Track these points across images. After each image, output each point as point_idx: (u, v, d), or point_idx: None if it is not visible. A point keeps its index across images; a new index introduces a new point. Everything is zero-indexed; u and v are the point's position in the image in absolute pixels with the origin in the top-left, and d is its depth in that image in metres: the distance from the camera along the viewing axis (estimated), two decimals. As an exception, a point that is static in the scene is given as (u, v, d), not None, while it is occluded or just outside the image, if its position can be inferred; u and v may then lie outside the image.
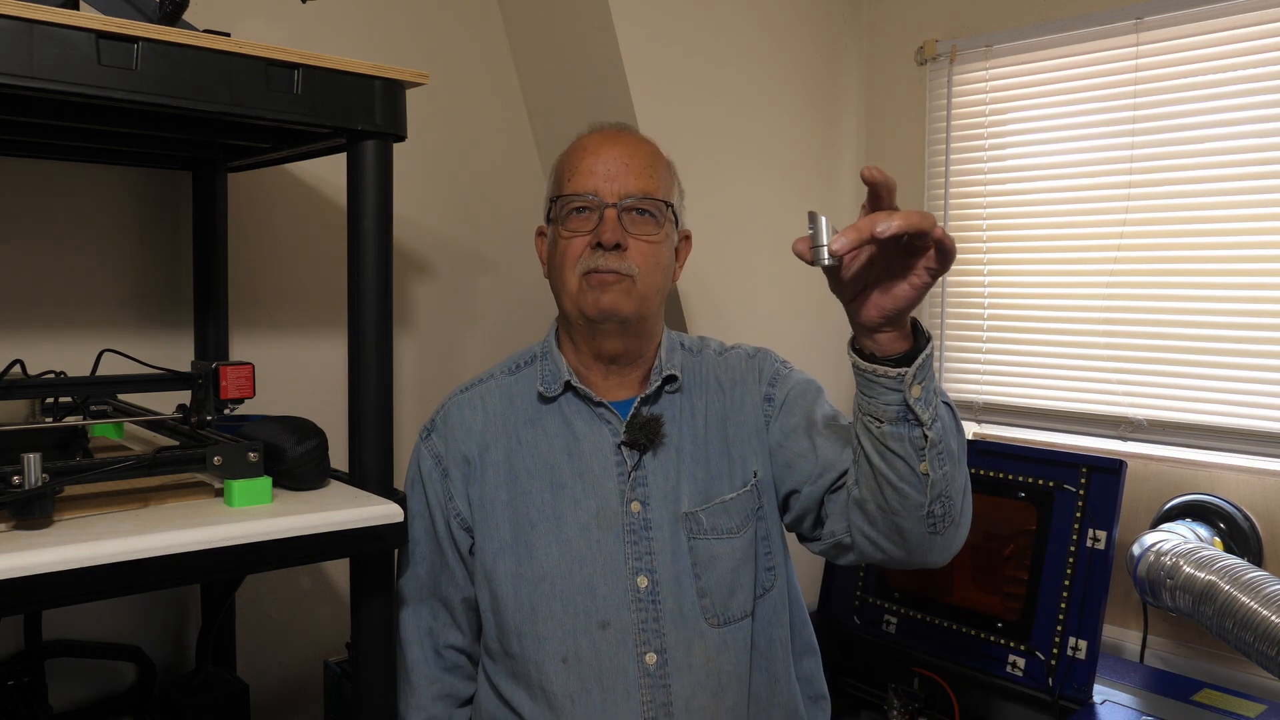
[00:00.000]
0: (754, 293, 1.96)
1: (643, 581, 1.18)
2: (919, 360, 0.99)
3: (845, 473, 1.16)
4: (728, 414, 1.27)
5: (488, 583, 1.22)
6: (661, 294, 1.26)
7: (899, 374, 0.99)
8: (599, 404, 1.24)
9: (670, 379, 1.27)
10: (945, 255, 0.93)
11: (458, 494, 1.24)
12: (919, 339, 1.01)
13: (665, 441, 1.24)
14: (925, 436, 1.01)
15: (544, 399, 1.26)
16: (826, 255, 0.91)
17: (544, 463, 1.23)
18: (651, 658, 1.16)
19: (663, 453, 1.23)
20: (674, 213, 1.27)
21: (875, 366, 1.00)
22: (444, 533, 1.25)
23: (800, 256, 0.93)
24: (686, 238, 1.33)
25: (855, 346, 1.02)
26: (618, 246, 1.19)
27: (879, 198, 0.92)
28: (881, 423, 1.02)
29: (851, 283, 0.97)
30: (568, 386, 1.25)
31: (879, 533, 1.10)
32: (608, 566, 1.18)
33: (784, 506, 1.27)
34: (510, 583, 1.20)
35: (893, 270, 0.95)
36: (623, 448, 1.23)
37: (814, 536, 1.24)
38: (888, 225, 0.88)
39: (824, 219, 0.92)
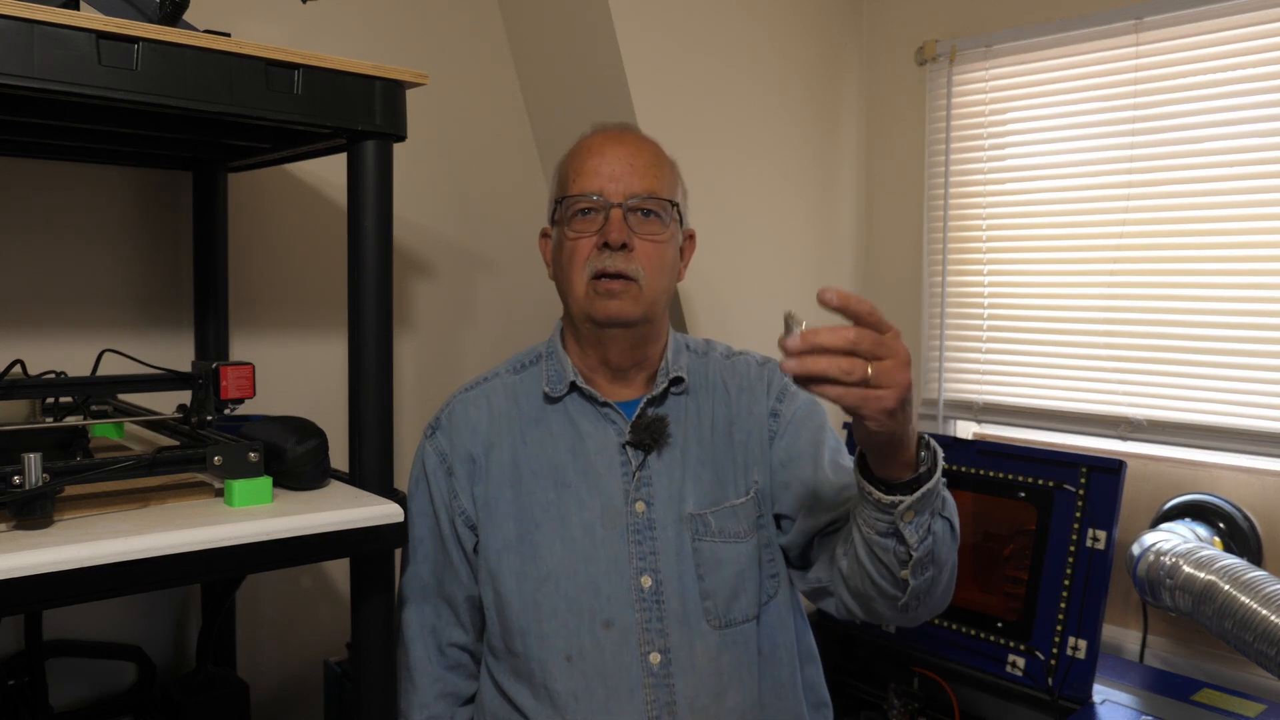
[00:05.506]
0: (752, 292, 1.96)
1: (646, 581, 1.18)
2: (917, 494, 0.98)
3: (837, 519, 1.18)
4: (733, 419, 1.27)
5: (492, 581, 1.22)
6: (667, 295, 1.26)
7: (893, 501, 0.99)
8: (604, 404, 1.24)
9: (676, 380, 1.27)
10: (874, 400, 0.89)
11: (462, 492, 1.25)
12: (925, 467, 1.00)
13: (670, 442, 1.24)
14: (910, 555, 1.02)
15: (549, 399, 1.26)
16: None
17: (549, 462, 1.23)
18: (655, 657, 1.17)
19: (668, 454, 1.23)
20: (679, 212, 1.27)
21: (871, 489, 1.00)
22: (448, 531, 1.25)
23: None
24: (691, 237, 1.33)
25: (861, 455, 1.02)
26: (624, 247, 1.19)
27: (856, 317, 0.89)
28: (872, 531, 1.03)
29: None
30: (573, 387, 1.25)
31: (856, 602, 1.15)
32: (612, 566, 1.18)
33: (775, 525, 1.27)
34: (515, 581, 1.20)
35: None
36: (627, 448, 1.23)
37: (800, 566, 1.26)
38: (807, 367, 0.86)
39: (797, 325, 0.88)
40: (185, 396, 1.16)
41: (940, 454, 1.01)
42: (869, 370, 0.88)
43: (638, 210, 1.21)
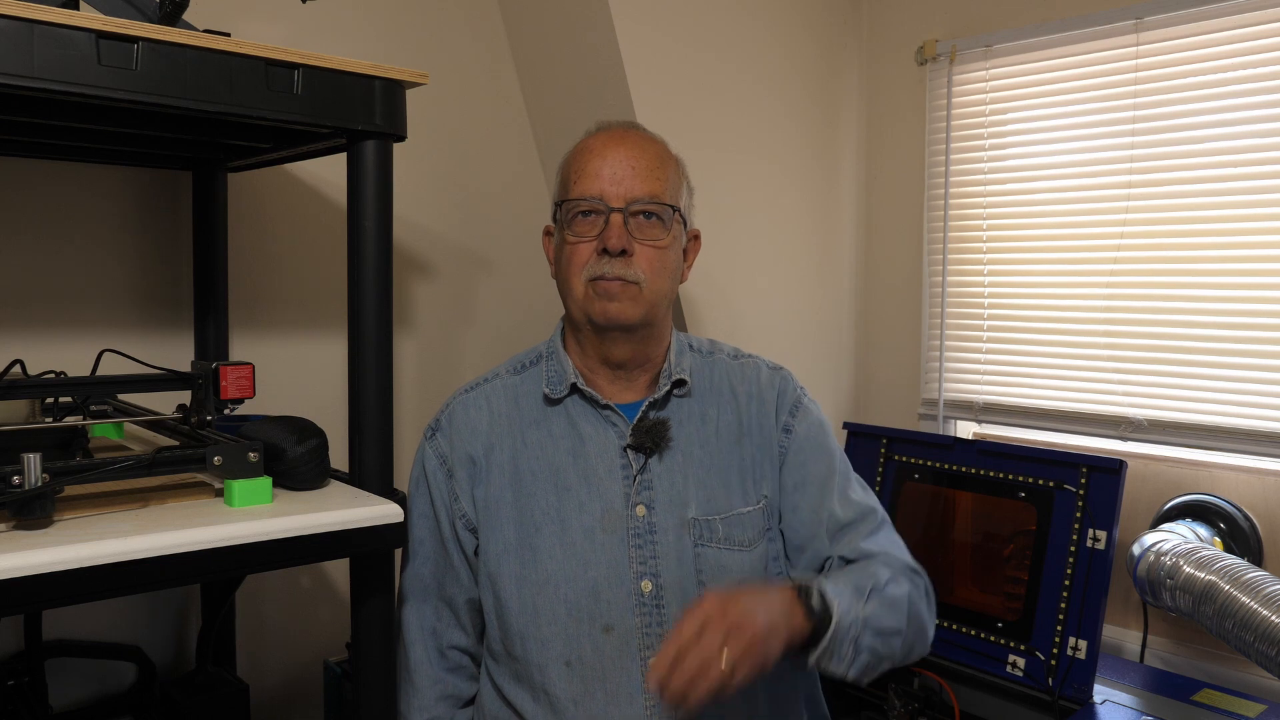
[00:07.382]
0: (752, 292, 1.96)
1: (647, 586, 1.18)
2: (816, 653, 1.04)
3: (844, 555, 1.23)
4: (744, 427, 1.26)
5: (492, 584, 1.22)
6: (669, 298, 1.25)
7: (801, 662, 1.05)
8: (605, 406, 1.24)
9: (679, 383, 1.26)
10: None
11: (463, 494, 1.24)
12: (820, 616, 1.05)
13: (672, 445, 1.23)
14: (845, 678, 1.08)
15: (550, 400, 1.26)
16: None
17: (549, 464, 1.23)
18: (655, 661, 1.17)
19: (669, 457, 1.23)
20: (682, 215, 1.26)
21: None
22: (449, 533, 1.25)
23: None
24: (695, 237, 1.32)
25: None
26: (624, 253, 1.19)
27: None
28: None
29: None
30: (574, 389, 1.25)
31: None
32: (612, 570, 1.18)
33: (781, 540, 1.27)
34: (514, 585, 1.20)
35: None
36: (628, 451, 1.22)
37: None
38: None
39: None
40: (185, 396, 1.16)
41: (830, 598, 1.05)
42: (721, 647, 0.96)
43: (639, 214, 1.20)
